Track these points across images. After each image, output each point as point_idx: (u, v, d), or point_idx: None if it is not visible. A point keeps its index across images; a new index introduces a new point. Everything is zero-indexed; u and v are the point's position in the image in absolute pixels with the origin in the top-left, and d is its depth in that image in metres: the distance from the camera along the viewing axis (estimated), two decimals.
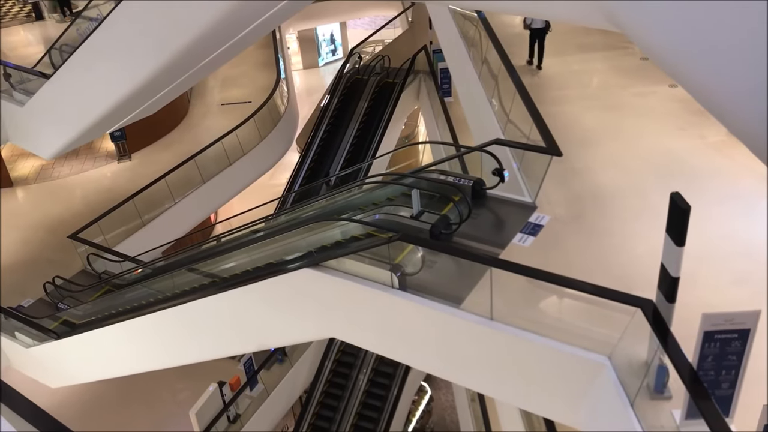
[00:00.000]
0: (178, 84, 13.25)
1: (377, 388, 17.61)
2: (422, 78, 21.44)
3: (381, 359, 17.87)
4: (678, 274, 5.32)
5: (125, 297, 12.65)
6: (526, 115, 8.96)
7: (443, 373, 9.01)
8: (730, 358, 4.97)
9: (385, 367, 17.87)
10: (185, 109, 23.83)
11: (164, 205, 17.67)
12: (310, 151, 20.47)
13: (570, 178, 9.30)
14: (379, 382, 17.70)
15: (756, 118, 3.79)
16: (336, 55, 39.38)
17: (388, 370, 17.83)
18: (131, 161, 21.14)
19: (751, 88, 3.66)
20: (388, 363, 17.79)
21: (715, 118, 4.36)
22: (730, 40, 3.64)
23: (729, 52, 3.74)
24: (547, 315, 6.99)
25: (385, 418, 17.07)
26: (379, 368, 17.86)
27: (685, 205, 5.02)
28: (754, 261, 7.33)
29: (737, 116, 4.06)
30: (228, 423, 15.30)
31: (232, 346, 11.64)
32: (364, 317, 8.45)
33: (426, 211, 8.27)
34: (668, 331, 5.38)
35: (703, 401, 4.75)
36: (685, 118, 10.52)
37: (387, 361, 17.60)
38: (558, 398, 6.80)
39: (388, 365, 17.84)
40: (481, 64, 11.73)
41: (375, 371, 17.90)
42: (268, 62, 25.88)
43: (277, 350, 16.86)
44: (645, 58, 12.50)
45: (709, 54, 3.92)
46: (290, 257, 8.98)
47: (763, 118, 3.70)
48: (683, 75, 4.49)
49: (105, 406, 16.92)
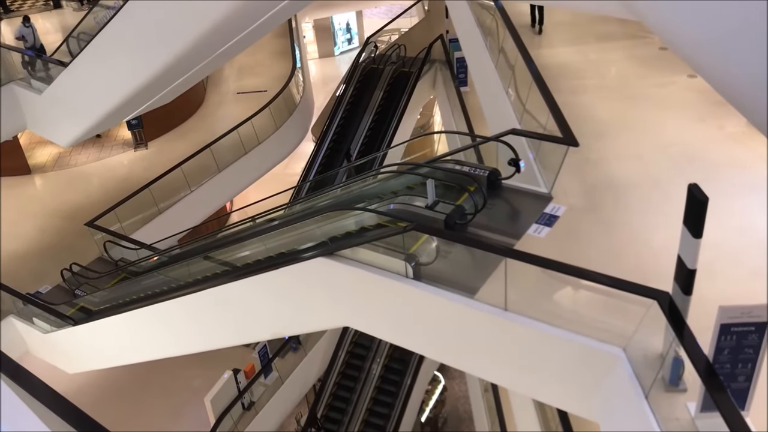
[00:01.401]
0: (194, 72, 13.30)
1: (391, 378, 17.66)
2: (438, 67, 21.35)
3: (394, 348, 17.91)
4: (695, 266, 5.27)
5: (141, 284, 12.75)
6: (543, 105, 8.89)
7: (457, 363, 9.01)
8: (747, 351, 4.93)
9: (398, 356, 17.91)
10: (201, 98, 23.91)
11: (180, 194, 17.77)
12: (325, 141, 20.48)
13: (586, 169, 9.23)
14: (392, 372, 17.75)
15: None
16: (352, 44, 39.27)
17: (402, 360, 17.88)
18: (147, 149, 21.27)
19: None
20: (401, 352, 17.83)
21: (735, 109, 4.31)
22: (750, 29, 3.59)
23: (749, 41, 3.69)
24: (561, 306, 6.96)
25: (399, 408, 17.14)
26: (392, 357, 17.90)
27: (702, 196, 4.97)
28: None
29: (757, 107, 4.01)
30: (242, 410, 15.43)
31: (246, 334, 11.71)
32: (378, 306, 8.46)
33: (441, 201, 8.24)
34: (684, 323, 5.34)
35: (718, 394, 4.72)
36: (704, 108, 10.41)
37: (400, 350, 17.64)
38: (572, 389, 6.78)
39: (401, 355, 17.89)
40: (498, 54, 11.65)
41: (389, 360, 17.95)
42: (284, 51, 25.87)
43: (292, 338, 16.95)
44: (664, 48, 12.36)
45: (729, 43, 3.87)
46: (305, 246, 9.00)
47: None
48: (703, 65, 4.44)
49: (121, 393, 17.10)
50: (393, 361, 17.90)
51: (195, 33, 10.83)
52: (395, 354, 17.96)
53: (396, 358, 17.93)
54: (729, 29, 3.76)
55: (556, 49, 13.19)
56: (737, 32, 3.71)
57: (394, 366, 17.85)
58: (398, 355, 17.93)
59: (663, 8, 4.32)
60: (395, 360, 17.90)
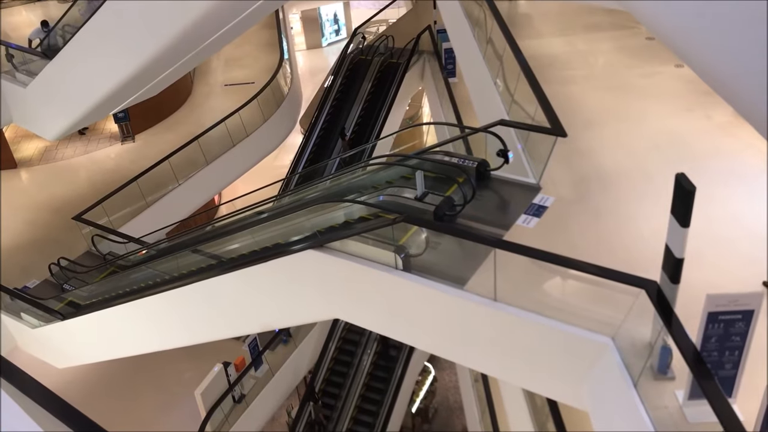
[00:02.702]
0: (181, 64, 13.22)
1: (381, 369, 17.71)
2: (426, 58, 21.31)
3: (385, 340, 17.95)
4: (682, 255, 5.30)
5: (130, 278, 12.70)
6: (531, 96, 8.90)
7: (447, 354, 9.04)
8: (734, 339, 4.98)
9: (389, 347, 17.95)
10: (188, 90, 23.77)
11: (168, 187, 17.69)
12: (313, 133, 20.42)
13: (575, 159, 9.26)
14: (383, 363, 17.79)
15: (762, 97, 3.76)
16: (339, 35, 39.12)
17: (392, 351, 17.92)
18: (135, 142, 21.13)
19: (759, 68, 3.63)
20: (392, 344, 17.87)
21: (722, 99, 4.33)
22: (736, 19, 3.60)
23: (736, 31, 3.70)
24: (551, 296, 6.99)
25: (389, 399, 17.20)
26: (383, 349, 17.95)
27: (690, 186, 4.99)
28: (759, 242, 7.31)
29: (744, 96, 4.03)
30: (233, 403, 15.43)
31: (236, 327, 11.70)
32: (368, 298, 8.47)
33: (430, 193, 8.25)
34: (672, 312, 5.38)
35: (706, 382, 4.76)
36: (692, 98, 10.44)
37: (391, 341, 17.68)
38: (561, 379, 6.83)
39: (392, 346, 17.93)
40: (486, 44, 11.64)
41: (379, 351, 17.99)
42: (272, 42, 25.74)
43: (282, 331, 16.95)
44: (651, 38, 12.39)
45: (716, 33, 3.89)
46: (294, 238, 8.99)
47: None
48: (690, 54, 4.45)
49: (111, 387, 17.05)
50: (383, 352, 17.94)
51: (181, 24, 10.75)
52: (385, 345, 17.99)
53: (386, 349, 17.96)
54: (716, 19, 3.77)
55: (544, 39, 13.19)
56: (724, 22, 3.73)
57: (385, 358, 17.89)
58: (389, 347, 17.96)
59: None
60: (386, 351, 17.93)
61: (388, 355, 17.91)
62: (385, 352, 17.95)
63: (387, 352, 17.94)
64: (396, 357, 17.85)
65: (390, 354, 17.92)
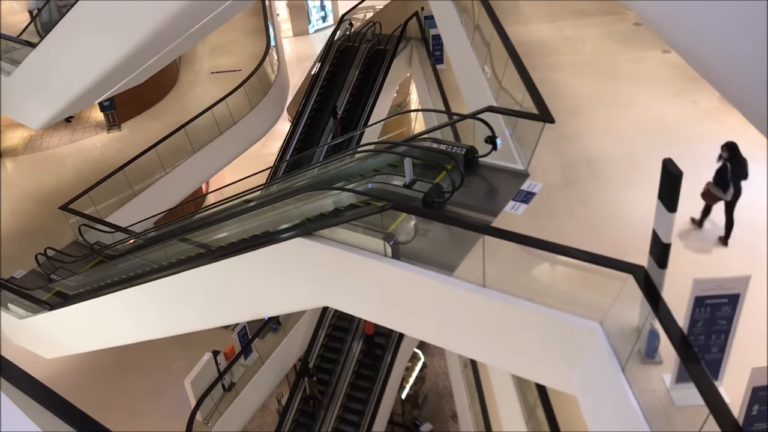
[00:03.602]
0: (167, 52, 13.10)
1: (377, 338, 17.75)
2: (414, 45, 21.23)
3: (375, 327, 17.98)
4: (669, 240, 5.34)
5: (118, 268, 12.64)
6: (519, 82, 8.89)
7: (436, 340, 9.08)
8: (720, 322, 5.02)
9: (378, 335, 17.99)
10: (174, 78, 23.58)
11: (155, 176, 17.59)
12: (301, 120, 20.32)
13: (563, 145, 9.27)
14: (375, 341, 17.83)
15: (748, 82, 3.77)
16: (326, 21, 38.89)
17: (382, 339, 17.96)
18: (121, 131, 20.98)
19: (744, 53, 3.64)
20: (381, 331, 17.90)
21: (709, 84, 4.35)
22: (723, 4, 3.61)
23: (723, 16, 3.71)
24: (539, 282, 7.02)
25: (379, 385, 17.25)
26: (375, 327, 17.95)
27: (677, 171, 5.03)
28: (746, 226, 7.36)
29: (731, 81, 4.04)
30: (223, 391, 15.44)
31: (226, 316, 11.69)
32: (358, 286, 8.47)
33: (419, 180, 8.24)
34: (659, 296, 5.42)
35: (693, 365, 4.81)
36: (679, 83, 10.47)
37: (380, 328, 17.71)
38: (550, 364, 6.87)
39: (381, 333, 17.96)
40: (474, 31, 11.60)
41: (369, 339, 18.03)
42: (258, 29, 25.54)
43: (271, 319, 16.94)
44: (638, 24, 12.39)
45: (704, 18, 3.89)
46: (283, 227, 8.97)
47: (756, 83, 3.69)
48: (677, 39, 4.46)
49: (100, 377, 17.02)
50: (373, 339, 17.97)
51: (165, 11, 10.66)
52: (375, 333, 18.02)
53: (376, 337, 18.00)
54: (704, 4, 3.77)
55: (532, 25, 13.16)
56: (712, 7, 3.73)
57: (374, 345, 17.93)
58: (378, 334, 18.00)
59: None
60: (375, 339, 17.97)
61: (378, 343, 17.94)
62: (375, 340, 17.97)
63: (377, 340, 17.97)
64: (386, 344, 17.89)
65: (379, 341, 17.95)
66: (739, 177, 7.06)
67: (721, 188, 7.09)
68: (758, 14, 3.37)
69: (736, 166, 7.06)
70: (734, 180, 7.04)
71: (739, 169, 7.07)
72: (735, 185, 7.04)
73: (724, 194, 7.09)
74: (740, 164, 7.09)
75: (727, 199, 7.13)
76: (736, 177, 7.04)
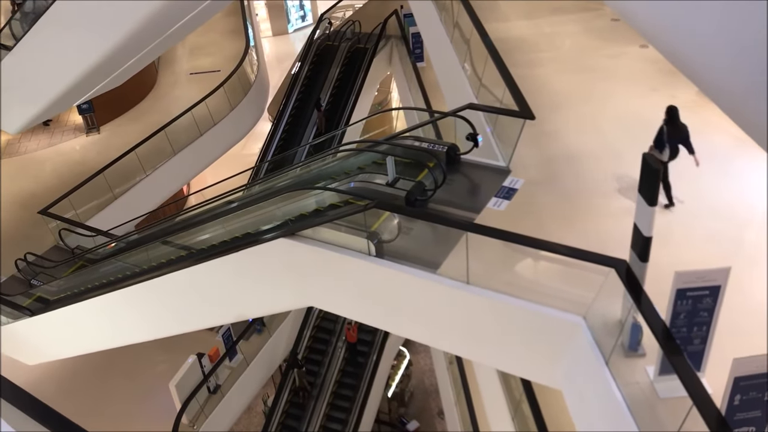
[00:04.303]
0: (146, 53, 13.00)
1: (359, 345, 17.74)
2: (394, 43, 21.23)
3: (360, 326, 17.97)
4: (650, 233, 5.38)
5: (100, 272, 12.53)
6: (499, 79, 8.92)
7: (421, 338, 9.10)
8: (702, 314, 5.07)
9: (364, 333, 17.98)
10: (153, 80, 23.41)
11: (136, 178, 17.50)
12: (282, 120, 20.27)
13: (543, 141, 9.32)
14: (361, 340, 17.82)
15: (725, 76, 3.81)
16: (305, 21, 38.80)
17: (367, 336, 17.95)
18: (100, 134, 20.81)
19: (721, 47, 3.68)
20: (367, 329, 17.90)
21: (686, 78, 4.38)
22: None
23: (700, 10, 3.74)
24: (522, 277, 7.05)
25: (365, 384, 17.24)
26: (358, 335, 17.96)
27: (656, 165, 5.07)
28: (725, 219, 7.46)
29: (707, 74, 4.08)
30: (208, 394, 15.36)
31: (209, 318, 11.62)
32: (342, 285, 8.46)
33: (401, 178, 8.24)
34: (642, 289, 5.46)
35: (675, 357, 4.85)
36: (657, 78, 10.56)
37: (366, 327, 17.71)
38: (534, 359, 6.91)
39: (367, 332, 17.96)
40: (453, 29, 11.63)
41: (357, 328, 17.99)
42: (237, 30, 25.43)
43: (256, 320, 16.88)
44: (616, 19, 12.48)
45: (680, 12, 3.92)
46: (266, 227, 8.94)
47: (733, 77, 3.73)
48: (655, 34, 4.50)
49: (83, 382, 16.87)
50: (359, 338, 17.95)
51: (143, 12, 10.57)
52: (361, 331, 18.01)
53: (361, 335, 17.98)
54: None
55: (511, 22, 13.21)
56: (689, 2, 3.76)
57: (360, 343, 17.91)
58: (364, 333, 17.99)
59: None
60: (361, 337, 17.95)
61: (363, 341, 17.93)
62: (361, 338, 17.96)
63: (362, 338, 17.95)
64: (371, 342, 17.88)
65: (365, 340, 17.94)
66: (676, 140, 7.73)
67: (659, 150, 7.76)
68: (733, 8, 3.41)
69: (673, 129, 7.77)
70: (671, 142, 7.71)
71: (675, 131, 7.76)
72: (671, 147, 7.71)
73: (661, 155, 7.69)
74: (677, 127, 7.78)
75: (664, 160, 7.72)
76: (672, 139, 7.71)
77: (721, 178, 8.21)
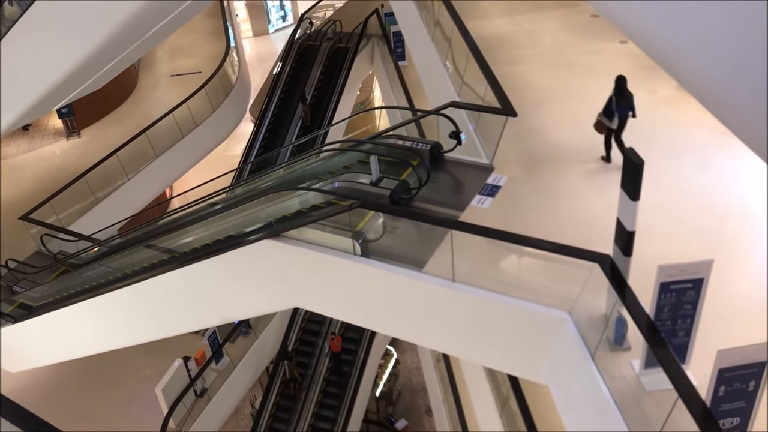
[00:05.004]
0: (126, 55, 12.90)
1: (344, 355, 17.72)
2: (375, 42, 21.21)
3: (347, 326, 17.96)
4: (633, 228, 5.42)
5: (83, 277, 12.42)
6: (481, 77, 8.95)
7: (408, 337, 9.10)
8: (686, 307, 5.11)
9: (350, 333, 17.96)
10: (134, 82, 23.24)
11: (117, 182, 17.37)
12: (264, 121, 20.19)
13: (526, 138, 9.36)
14: (345, 349, 17.80)
15: (705, 70, 3.85)
16: (286, 21, 38.68)
17: (354, 336, 17.94)
18: (81, 138, 20.62)
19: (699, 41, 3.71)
20: (353, 329, 17.88)
21: (666, 73, 4.42)
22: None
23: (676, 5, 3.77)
24: (508, 274, 7.07)
25: (353, 384, 17.22)
26: (345, 335, 17.95)
27: (638, 160, 5.10)
28: (707, 212, 7.52)
29: (688, 69, 4.11)
30: (195, 397, 15.28)
31: (195, 321, 11.56)
32: (328, 286, 8.45)
33: (385, 177, 8.24)
34: (626, 284, 5.49)
35: (660, 350, 4.88)
36: (637, 73, 10.61)
37: (352, 327, 17.69)
38: (521, 355, 6.93)
39: (353, 331, 17.94)
40: (434, 27, 11.64)
41: (341, 338, 17.99)
42: (217, 31, 25.32)
43: (242, 322, 16.81)
44: (596, 15, 12.55)
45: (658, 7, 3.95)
46: (250, 229, 8.90)
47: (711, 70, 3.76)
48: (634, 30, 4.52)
49: (69, 388, 16.73)
50: (345, 338, 17.94)
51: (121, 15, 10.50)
52: (347, 332, 18.00)
53: (348, 335, 17.97)
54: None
55: (492, 20, 13.25)
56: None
57: (347, 343, 17.90)
58: (350, 333, 17.98)
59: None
60: (347, 337, 17.94)
61: (350, 341, 17.91)
62: (348, 338, 17.94)
63: (349, 338, 17.94)
64: (358, 342, 17.86)
65: (352, 339, 17.92)
66: (624, 108, 8.33)
67: (607, 117, 8.35)
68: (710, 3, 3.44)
69: (621, 98, 8.35)
70: (618, 110, 8.31)
71: (623, 100, 8.36)
72: (619, 115, 8.31)
73: (610, 123, 8.36)
74: (624, 97, 8.38)
75: (613, 127, 8.37)
76: (620, 107, 8.31)
77: (702, 172, 8.29)
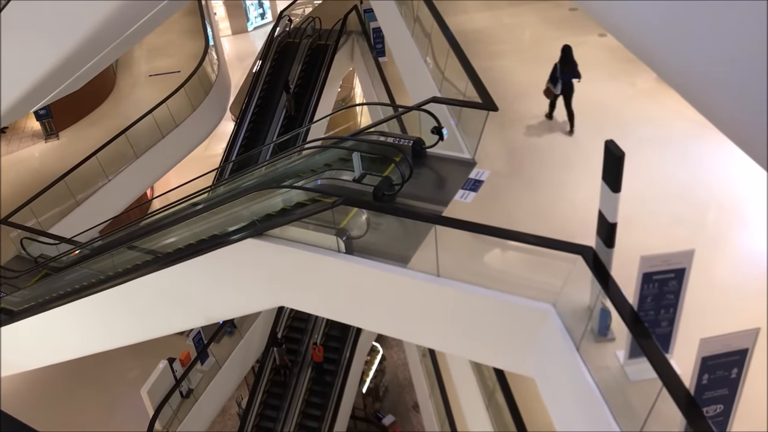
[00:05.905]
0: (103, 56, 12.77)
1: (330, 352, 17.71)
2: (355, 38, 21.18)
3: (332, 323, 17.94)
4: (615, 219, 5.46)
5: (65, 280, 12.30)
6: (461, 72, 8.96)
7: (394, 332, 9.12)
8: (668, 297, 5.16)
9: (336, 330, 17.95)
10: (112, 82, 23.03)
11: (97, 183, 17.23)
12: (245, 119, 20.10)
13: (508, 132, 9.38)
14: (331, 346, 17.79)
15: (683, 61, 3.88)
16: (265, 18, 38.54)
17: (340, 333, 17.92)
18: (59, 140, 20.41)
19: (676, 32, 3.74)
20: (339, 327, 17.87)
21: (645, 65, 4.45)
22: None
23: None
24: (491, 268, 7.10)
25: (340, 381, 17.21)
26: (330, 332, 17.93)
27: (619, 152, 5.13)
28: (687, 202, 7.59)
29: (666, 60, 4.14)
30: (181, 399, 15.20)
31: (179, 322, 11.49)
32: (312, 283, 8.43)
33: (368, 174, 8.24)
34: (609, 275, 5.54)
35: (644, 340, 4.93)
36: (616, 66, 10.70)
37: (338, 324, 17.68)
38: (506, 348, 6.97)
39: (339, 329, 17.93)
40: (414, 23, 11.64)
41: (326, 336, 17.98)
42: (195, 29, 25.14)
43: (226, 322, 16.74)
44: (574, 9, 12.61)
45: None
46: (233, 228, 8.86)
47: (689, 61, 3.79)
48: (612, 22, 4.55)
49: (53, 393, 16.57)
50: (331, 336, 17.94)
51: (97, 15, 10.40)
52: (333, 329, 17.99)
53: (333, 333, 17.96)
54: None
55: (471, 15, 13.26)
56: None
57: (333, 341, 17.89)
58: (336, 330, 17.97)
59: None
60: (333, 335, 17.93)
61: (336, 338, 17.90)
62: (333, 336, 17.94)
63: (335, 336, 17.93)
64: (344, 339, 17.85)
65: (338, 337, 17.91)
66: (568, 75, 9.02)
67: (553, 84, 9.11)
68: None
69: (565, 66, 9.04)
70: (563, 77, 9.03)
71: (567, 68, 9.03)
72: (563, 81, 9.03)
73: (554, 88, 9.11)
74: (569, 64, 9.06)
75: (557, 93, 9.12)
76: (564, 74, 9.02)
77: (682, 163, 8.36)
